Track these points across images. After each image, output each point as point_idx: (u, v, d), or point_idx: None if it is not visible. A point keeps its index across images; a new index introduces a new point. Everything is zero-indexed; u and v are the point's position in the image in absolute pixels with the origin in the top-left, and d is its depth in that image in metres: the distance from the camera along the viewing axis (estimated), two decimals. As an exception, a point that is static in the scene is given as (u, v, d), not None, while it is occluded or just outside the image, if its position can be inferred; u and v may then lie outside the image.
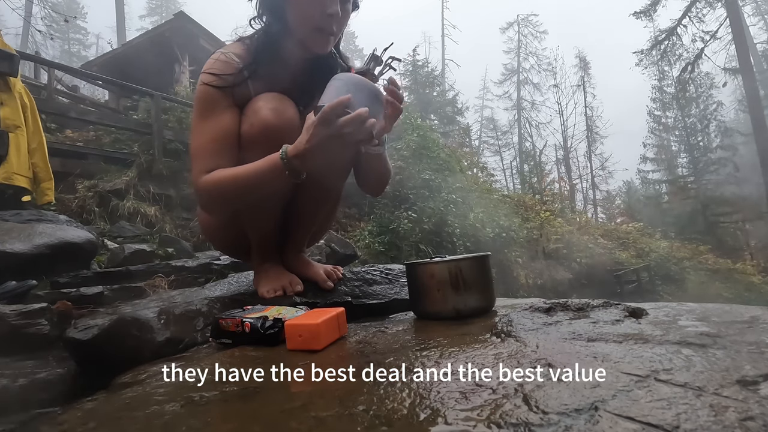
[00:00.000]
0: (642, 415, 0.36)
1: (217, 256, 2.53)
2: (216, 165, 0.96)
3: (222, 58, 1.02)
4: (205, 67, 1.02)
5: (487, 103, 31.90)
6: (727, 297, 11.78)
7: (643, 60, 18.90)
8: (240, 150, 1.00)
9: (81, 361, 0.93)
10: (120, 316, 0.91)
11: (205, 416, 0.48)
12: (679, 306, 0.77)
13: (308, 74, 1.11)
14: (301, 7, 0.98)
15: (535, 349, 0.58)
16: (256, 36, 1.06)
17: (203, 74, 1.01)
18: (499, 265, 7.99)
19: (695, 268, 13.40)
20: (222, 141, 0.98)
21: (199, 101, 1.01)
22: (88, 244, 2.17)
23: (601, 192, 28.64)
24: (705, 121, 23.74)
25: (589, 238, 11.98)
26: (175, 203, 5.52)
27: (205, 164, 0.97)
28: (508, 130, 31.16)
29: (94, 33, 32.58)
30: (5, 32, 3.60)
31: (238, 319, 0.81)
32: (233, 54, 1.03)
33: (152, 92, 5.91)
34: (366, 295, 1.15)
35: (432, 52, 29.48)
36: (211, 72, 1.00)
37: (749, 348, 0.51)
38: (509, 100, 30.35)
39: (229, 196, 0.96)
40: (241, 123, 1.00)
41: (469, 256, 0.93)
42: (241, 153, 0.99)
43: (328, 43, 1.03)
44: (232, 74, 1.00)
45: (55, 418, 0.56)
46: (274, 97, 1.00)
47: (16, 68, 3.05)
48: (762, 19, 26.56)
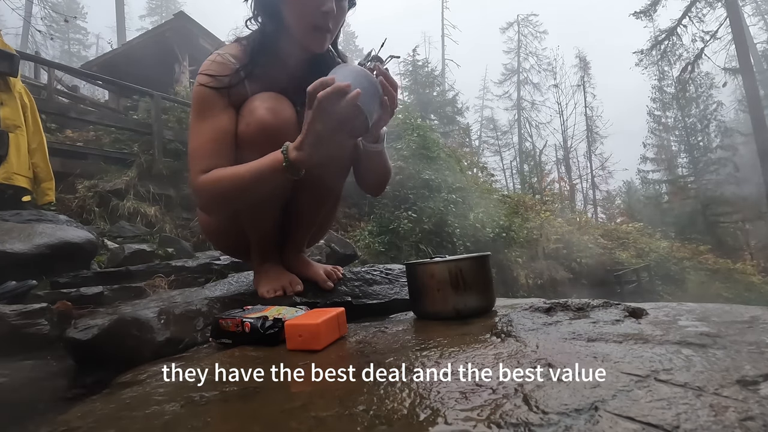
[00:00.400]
0: (642, 415, 0.36)
1: (217, 256, 2.53)
2: (214, 165, 0.96)
3: (218, 59, 1.02)
4: (201, 69, 1.02)
5: (487, 103, 31.94)
6: (727, 297, 11.78)
7: (643, 60, 18.91)
8: (237, 150, 1.00)
9: (81, 361, 0.93)
10: (120, 316, 0.91)
11: (205, 416, 0.48)
12: (679, 306, 0.77)
13: (306, 73, 1.11)
14: (296, 5, 0.98)
15: (535, 349, 0.58)
16: (253, 36, 1.06)
17: (200, 75, 1.01)
18: (499, 265, 7.99)
19: (695, 268, 13.41)
20: (219, 141, 0.98)
21: (196, 102, 1.01)
22: (88, 244, 2.17)
23: (601, 192, 28.68)
24: (705, 121, 23.75)
25: (589, 238, 11.97)
26: (175, 203, 5.52)
27: (203, 164, 0.97)
28: (508, 130, 31.18)
29: (94, 33, 32.64)
30: (5, 32, 3.60)
31: (238, 319, 0.81)
32: (230, 55, 1.03)
33: (152, 92, 5.91)
34: (366, 295, 1.15)
35: (432, 52, 29.52)
36: (207, 73, 1.00)
37: (749, 348, 0.51)
38: (509, 100, 30.38)
39: (228, 194, 0.96)
40: (238, 123, 1.00)
41: (469, 256, 0.93)
42: (238, 153, 0.99)
43: (325, 41, 1.03)
44: (228, 75, 1.00)
45: (55, 418, 0.56)
46: (270, 97, 1.01)
47: (16, 68, 3.05)
48: (762, 19, 26.56)
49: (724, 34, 16.09)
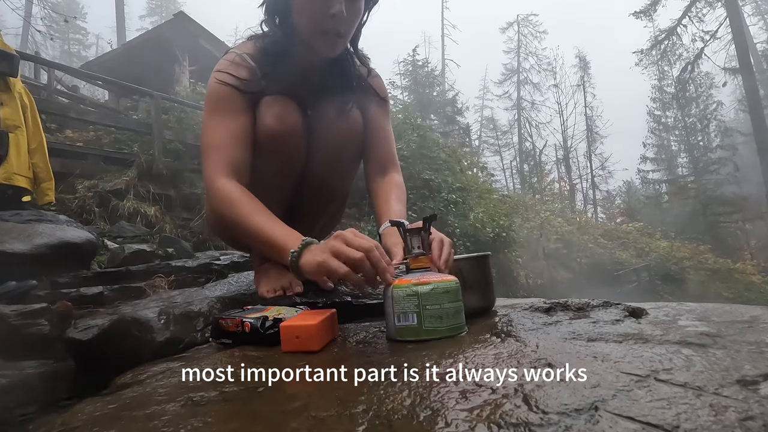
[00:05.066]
0: (642, 414, 0.36)
1: (217, 256, 2.53)
2: (231, 162, 0.96)
3: (237, 60, 1.02)
4: (219, 66, 1.02)
5: (487, 103, 31.91)
6: (727, 297, 11.79)
7: (643, 60, 18.94)
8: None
9: (81, 361, 0.93)
10: (120, 316, 0.91)
11: (205, 416, 0.48)
12: (679, 306, 0.77)
13: (321, 76, 1.10)
14: (304, 9, 0.97)
15: (535, 349, 0.58)
16: (267, 39, 1.05)
17: (218, 72, 1.01)
18: (499, 265, 7.99)
19: (695, 268, 13.42)
20: (238, 138, 0.98)
21: (213, 99, 1.01)
22: (88, 244, 2.17)
23: (601, 192, 28.65)
24: (705, 121, 23.74)
25: (589, 238, 11.99)
26: (175, 203, 5.52)
27: (221, 159, 0.96)
28: (508, 130, 31.15)
29: (94, 33, 32.63)
30: (5, 32, 3.60)
31: (238, 319, 0.81)
32: (246, 54, 1.03)
33: (152, 92, 5.91)
34: (366, 294, 1.14)
35: (432, 52, 29.44)
36: (227, 72, 1.00)
37: (749, 348, 0.51)
38: (509, 100, 30.34)
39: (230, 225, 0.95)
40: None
41: (470, 256, 0.93)
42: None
43: (336, 45, 1.00)
44: (246, 79, 1.00)
45: (54, 419, 0.56)
46: (276, 102, 1.01)
47: (16, 68, 3.05)
48: (762, 18, 26.58)
49: (724, 33, 16.11)
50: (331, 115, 1.08)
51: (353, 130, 1.11)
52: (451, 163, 9.07)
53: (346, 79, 1.11)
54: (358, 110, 1.11)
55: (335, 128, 1.08)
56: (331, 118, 1.08)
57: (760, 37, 25.06)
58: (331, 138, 1.09)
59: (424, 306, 0.70)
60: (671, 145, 25.94)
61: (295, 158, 1.08)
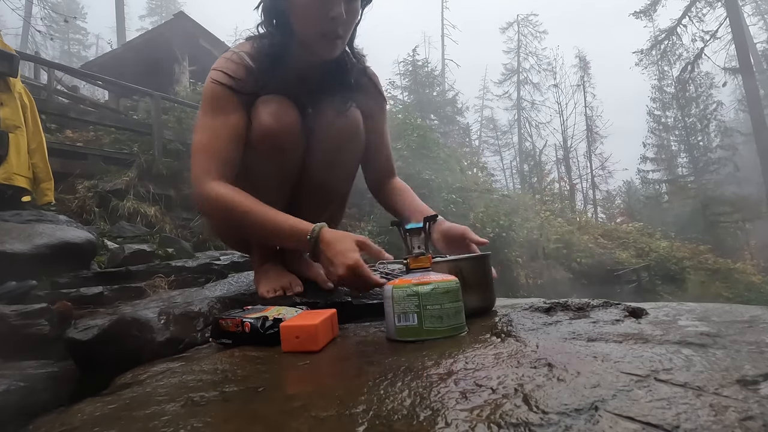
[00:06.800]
0: (642, 414, 0.36)
1: (217, 256, 2.54)
2: (220, 164, 0.96)
3: (234, 58, 1.02)
4: (216, 65, 1.02)
5: (487, 103, 31.89)
6: (727, 297, 11.79)
7: (643, 60, 18.96)
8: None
9: (81, 361, 0.93)
10: (120, 316, 0.91)
11: (205, 416, 0.48)
12: (679, 306, 0.77)
13: (319, 75, 1.10)
14: (303, 12, 0.97)
15: (535, 349, 0.58)
16: (265, 40, 1.04)
17: (214, 71, 1.01)
18: (499, 265, 7.99)
19: (695, 267, 13.41)
20: (229, 140, 0.98)
21: (208, 98, 1.01)
22: (88, 245, 2.17)
23: (601, 192, 28.66)
24: (705, 121, 23.71)
25: (589, 238, 11.99)
26: (175, 203, 5.52)
27: (212, 164, 0.96)
28: (508, 130, 31.16)
29: (94, 33, 32.60)
30: (5, 32, 3.60)
31: (238, 319, 0.81)
32: (245, 54, 1.03)
33: (152, 92, 5.92)
34: (366, 294, 1.14)
35: (432, 52, 29.42)
36: (223, 71, 1.00)
37: (749, 348, 0.51)
38: (509, 100, 30.32)
39: (232, 222, 0.96)
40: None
41: (470, 256, 0.93)
42: (244, 155, 1.00)
43: (335, 47, 1.01)
44: (243, 79, 1.00)
45: (55, 419, 0.56)
46: (273, 101, 1.00)
47: (16, 68, 3.05)
48: (762, 18, 26.56)
49: (724, 33, 16.12)
50: (330, 115, 1.08)
51: (353, 129, 1.11)
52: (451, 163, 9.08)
53: (344, 78, 1.11)
54: (357, 110, 1.11)
55: (335, 127, 1.08)
56: (330, 118, 1.08)
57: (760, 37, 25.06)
58: (331, 137, 1.09)
59: (425, 306, 0.70)
60: (671, 145, 25.91)
61: (292, 157, 1.08)
